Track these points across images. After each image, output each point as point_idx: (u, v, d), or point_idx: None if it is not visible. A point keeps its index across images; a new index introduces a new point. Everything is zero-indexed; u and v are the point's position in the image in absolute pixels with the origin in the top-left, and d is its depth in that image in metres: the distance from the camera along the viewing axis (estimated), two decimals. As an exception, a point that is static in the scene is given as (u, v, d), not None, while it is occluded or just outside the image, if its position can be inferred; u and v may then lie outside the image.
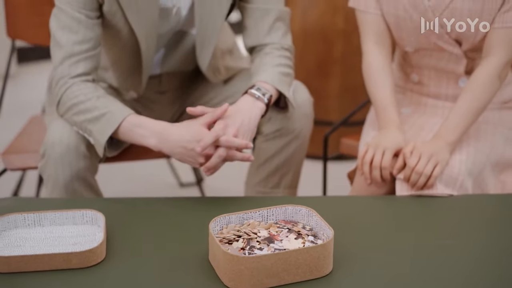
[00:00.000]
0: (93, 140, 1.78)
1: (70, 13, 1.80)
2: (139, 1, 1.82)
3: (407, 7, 1.90)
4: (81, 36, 1.80)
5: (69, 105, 1.79)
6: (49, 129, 1.84)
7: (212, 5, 1.89)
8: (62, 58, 1.80)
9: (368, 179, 1.82)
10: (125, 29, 1.87)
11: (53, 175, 1.80)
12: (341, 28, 3.03)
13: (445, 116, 1.93)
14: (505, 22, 1.85)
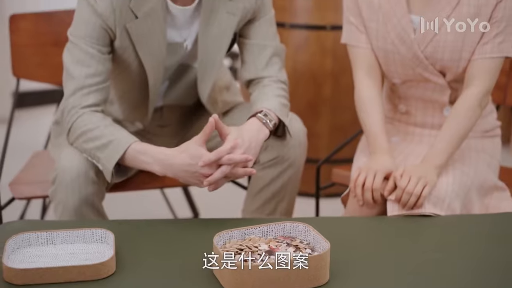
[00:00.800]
0: (101, 166, 1.88)
1: (83, 48, 1.92)
2: (149, 36, 1.95)
3: (395, 41, 2.03)
4: (93, 69, 1.92)
5: (79, 133, 1.90)
6: (60, 156, 1.94)
7: (215, 40, 2.02)
8: (74, 90, 1.92)
9: (361, 200, 1.93)
10: (135, 63, 1.99)
11: (63, 199, 1.90)
12: (329, 69, 3.17)
13: (431, 144, 2.05)
14: (484, 54, 1.99)
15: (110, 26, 1.93)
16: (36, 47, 2.57)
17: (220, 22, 2.01)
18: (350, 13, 2.11)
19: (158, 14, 1.95)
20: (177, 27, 2.02)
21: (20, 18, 2.55)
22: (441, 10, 1.99)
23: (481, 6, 1.98)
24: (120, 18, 1.92)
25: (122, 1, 1.91)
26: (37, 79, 2.61)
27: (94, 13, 1.92)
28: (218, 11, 2.00)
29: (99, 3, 1.91)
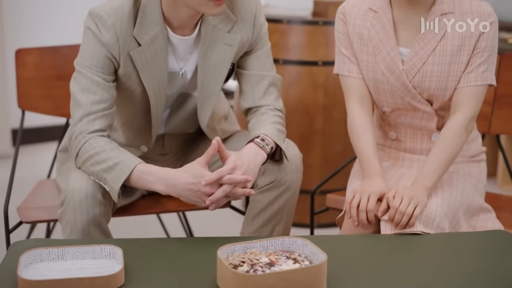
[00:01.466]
0: (108, 188, 1.98)
1: (89, 76, 2.03)
2: (151, 63, 2.07)
3: (384, 71, 2.16)
4: (98, 96, 2.03)
5: (87, 156, 2.00)
6: (68, 179, 2.04)
7: (213, 70, 2.14)
8: (81, 116, 2.03)
9: (356, 221, 2.03)
10: (138, 89, 2.11)
11: (71, 220, 1.99)
12: (321, 103, 3.29)
13: (421, 167, 2.16)
14: (468, 82, 2.11)
15: (115, 55, 2.04)
16: (41, 81, 2.67)
17: (218, 52, 2.13)
18: (342, 45, 2.23)
19: (160, 43, 2.07)
20: (178, 57, 2.13)
21: (25, 52, 2.66)
22: (427, 43, 2.12)
23: (465, 38, 2.11)
24: (124, 46, 2.04)
25: (126, 29, 2.03)
26: (41, 111, 2.70)
27: (99, 43, 2.03)
28: (216, 42, 2.13)
29: (104, 33, 2.03)
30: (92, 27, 2.04)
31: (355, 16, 2.20)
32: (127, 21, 2.03)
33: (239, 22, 2.14)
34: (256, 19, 2.17)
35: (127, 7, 2.04)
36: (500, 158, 3.76)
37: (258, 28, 2.18)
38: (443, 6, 2.11)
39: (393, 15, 2.15)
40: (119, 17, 2.03)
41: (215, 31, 2.11)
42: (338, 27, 2.24)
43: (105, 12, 2.03)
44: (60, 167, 2.35)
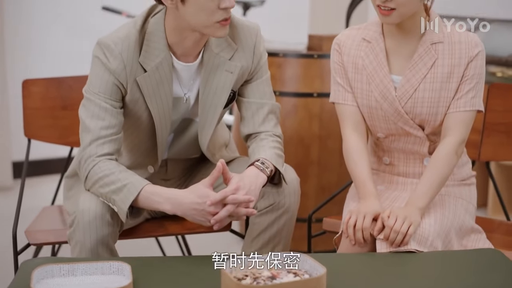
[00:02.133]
0: (116, 208, 2.07)
1: (97, 102, 2.13)
2: (157, 89, 2.17)
3: (378, 98, 2.26)
4: (107, 122, 2.13)
5: (96, 178, 2.09)
6: (78, 200, 2.13)
7: (214, 95, 2.25)
8: (90, 141, 2.12)
9: (353, 240, 2.12)
10: (145, 114, 2.21)
11: (81, 240, 2.08)
12: (317, 133, 3.39)
13: (413, 190, 2.26)
14: (458, 107, 2.22)
15: (122, 81, 2.15)
16: (46, 110, 2.76)
17: (219, 79, 2.24)
18: (337, 75, 2.34)
19: (165, 69, 2.17)
20: (182, 83, 2.24)
21: (31, 83, 2.75)
22: (418, 71, 2.23)
23: (454, 66, 2.22)
24: (131, 73, 2.14)
25: (132, 57, 2.14)
26: (47, 140, 2.79)
27: (107, 71, 2.14)
28: (218, 69, 2.24)
29: (112, 61, 2.13)
30: (100, 56, 2.15)
31: (349, 46, 2.31)
32: (134, 49, 2.14)
33: (239, 50, 2.26)
34: (256, 48, 2.28)
35: (133, 36, 2.15)
36: (491, 188, 3.85)
37: (258, 56, 2.29)
38: (433, 36, 2.23)
39: (385, 45, 2.26)
40: (126, 45, 2.14)
41: (217, 58, 2.22)
42: (333, 57, 2.35)
43: (112, 41, 2.14)
44: (67, 193, 2.44)
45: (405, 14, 2.16)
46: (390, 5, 2.12)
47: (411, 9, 2.16)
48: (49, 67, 4.51)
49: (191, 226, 2.44)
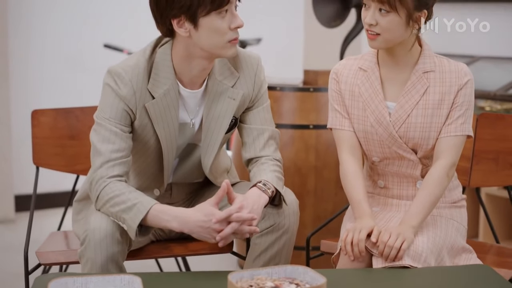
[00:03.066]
0: (126, 227, 2.18)
1: (108, 127, 2.26)
2: (164, 115, 2.30)
3: (373, 123, 2.39)
4: (117, 145, 2.25)
5: (107, 198, 2.21)
6: (89, 219, 2.24)
7: (217, 121, 2.38)
8: (101, 163, 2.24)
9: (351, 256, 2.23)
10: (152, 139, 2.33)
11: (92, 257, 2.19)
12: (313, 164, 3.51)
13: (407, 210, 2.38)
14: (448, 132, 2.36)
15: (131, 107, 2.28)
16: (54, 139, 2.88)
17: (222, 105, 2.37)
18: (335, 102, 2.47)
19: (172, 96, 2.30)
20: (188, 109, 2.37)
21: (41, 113, 2.88)
22: (411, 97, 2.37)
23: (445, 93, 2.36)
24: (140, 99, 2.27)
25: (141, 84, 2.27)
26: (54, 168, 2.90)
27: (118, 97, 2.27)
28: (221, 95, 2.37)
29: (122, 88, 2.26)
30: (111, 83, 2.28)
31: (346, 75, 2.45)
32: (142, 77, 2.28)
33: (241, 78, 2.39)
34: (257, 76, 2.42)
35: (142, 64, 2.28)
36: (481, 218, 3.96)
37: (258, 84, 2.43)
38: (425, 65, 2.37)
39: (380, 73, 2.40)
40: (135, 73, 2.27)
41: (220, 85, 2.36)
42: (331, 85, 2.48)
43: (122, 69, 2.27)
44: (76, 217, 2.55)
45: (389, 40, 2.31)
46: (375, 29, 2.28)
47: (396, 36, 2.30)
48: (53, 100, 4.63)
49: (194, 247, 2.55)
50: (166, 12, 2.23)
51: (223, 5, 2.20)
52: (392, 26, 2.28)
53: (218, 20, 2.22)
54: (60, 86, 4.95)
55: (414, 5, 2.28)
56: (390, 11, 2.26)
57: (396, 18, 2.27)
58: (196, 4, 2.19)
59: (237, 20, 2.25)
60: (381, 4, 2.26)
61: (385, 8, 2.26)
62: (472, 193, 3.65)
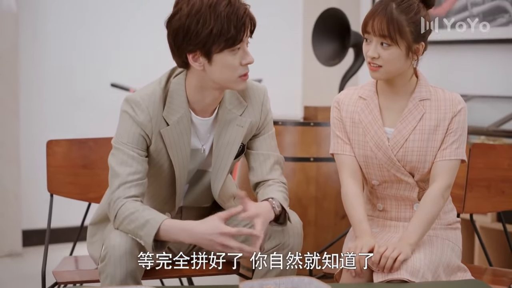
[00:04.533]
0: (143, 242, 2.32)
1: (126, 151, 2.41)
2: (177, 141, 2.46)
3: (373, 148, 2.55)
4: (134, 168, 2.41)
5: (123, 217, 2.35)
6: (109, 237, 2.37)
7: (226, 147, 2.54)
8: (119, 185, 2.39)
9: (353, 272, 2.37)
10: (166, 164, 2.49)
11: (111, 273, 2.32)
12: (313, 195, 3.66)
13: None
14: (444, 157, 2.51)
15: (148, 133, 2.43)
16: (68, 168, 3.01)
17: (231, 132, 2.53)
18: (336, 129, 2.63)
19: (184, 123, 2.46)
20: (200, 136, 2.53)
21: (55, 143, 3.01)
22: (408, 123, 2.53)
23: (440, 120, 2.52)
24: (155, 125, 2.43)
25: (157, 111, 2.43)
26: (67, 196, 3.03)
27: (135, 123, 2.42)
28: (230, 123, 2.53)
29: (139, 114, 2.42)
30: (128, 110, 2.43)
31: (347, 103, 2.61)
32: (158, 105, 2.44)
33: (249, 107, 2.55)
34: (264, 105, 2.59)
35: (158, 93, 2.44)
36: (476, 246, 4.09)
37: (265, 113, 2.59)
38: (422, 94, 2.53)
39: (379, 101, 2.56)
40: (152, 101, 2.43)
41: (230, 114, 2.52)
42: (333, 113, 2.64)
43: (140, 97, 2.43)
44: (91, 239, 2.68)
45: (390, 72, 2.48)
46: (377, 62, 2.45)
47: (397, 68, 2.47)
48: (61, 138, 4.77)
49: (201, 269, 2.66)
50: (182, 46, 2.39)
51: (236, 43, 2.37)
52: (393, 58, 2.45)
53: (231, 56, 2.39)
54: (68, 124, 5.09)
55: (413, 38, 2.46)
56: (391, 45, 2.44)
57: (397, 50, 2.44)
58: (211, 41, 2.35)
59: (248, 57, 2.42)
60: (383, 39, 2.43)
61: (387, 42, 2.43)
62: (468, 224, 3.78)
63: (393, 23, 2.43)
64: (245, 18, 2.37)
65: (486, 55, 4.72)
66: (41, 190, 4.95)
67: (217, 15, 2.34)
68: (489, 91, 4.64)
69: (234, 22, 2.35)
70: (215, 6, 2.34)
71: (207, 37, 2.35)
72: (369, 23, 2.46)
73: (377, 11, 2.46)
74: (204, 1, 2.34)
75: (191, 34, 2.35)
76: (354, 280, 2.38)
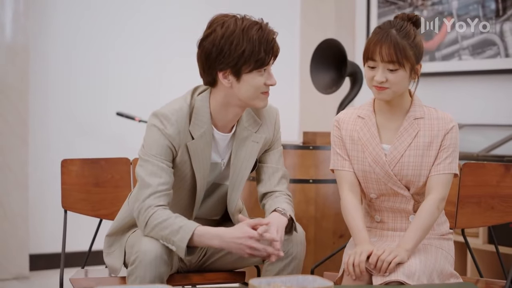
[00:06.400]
0: (175, 248, 2.50)
1: (155, 163, 2.59)
2: (201, 154, 2.65)
3: (371, 163, 2.73)
4: (163, 179, 2.59)
5: (156, 223, 2.53)
6: (140, 243, 2.54)
7: (243, 162, 2.73)
8: (149, 194, 2.57)
9: (353, 276, 2.54)
10: (189, 175, 2.67)
11: (141, 275, 2.49)
12: (312, 215, 3.83)
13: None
14: (438, 171, 2.69)
15: (175, 145, 2.62)
16: (81, 186, 3.17)
17: (247, 148, 2.73)
18: (336, 146, 2.82)
19: (207, 138, 2.65)
20: (220, 150, 2.72)
21: (70, 162, 3.18)
22: (404, 140, 2.71)
23: (433, 136, 2.71)
24: (182, 138, 2.62)
25: (184, 125, 2.63)
26: (80, 212, 3.18)
27: (163, 136, 2.60)
28: (246, 140, 2.73)
29: (168, 127, 2.61)
30: (157, 124, 2.62)
31: (347, 122, 2.80)
32: (185, 119, 2.63)
33: (263, 125, 2.77)
34: (276, 124, 2.81)
35: (185, 109, 2.64)
36: (469, 264, 4.26)
37: (277, 130, 2.81)
38: (416, 113, 2.73)
39: (376, 120, 2.75)
40: (180, 115, 2.63)
41: (246, 131, 2.72)
42: (333, 132, 2.83)
43: (169, 111, 2.63)
44: (108, 249, 2.86)
45: (397, 92, 2.67)
46: (384, 85, 2.64)
47: (402, 88, 2.68)
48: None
49: (211, 277, 2.84)
50: (214, 65, 2.60)
51: (264, 65, 2.60)
52: (400, 80, 2.64)
53: (258, 77, 2.61)
54: (75, 151, 5.22)
55: (415, 59, 2.66)
56: (399, 68, 2.63)
57: (403, 73, 2.64)
58: (242, 62, 2.57)
59: (272, 79, 2.65)
60: (391, 64, 2.62)
61: (395, 67, 2.63)
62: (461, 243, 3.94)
63: (399, 48, 2.61)
64: (273, 43, 2.61)
65: (476, 86, 4.94)
66: (48, 216, 5.14)
67: (249, 38, 2.56)
68: (479, 120, 4.84)
69: (264, 45, 2.57)
70: (247, 30, 2.56)
71: (239, 57, 2.56)
72: (376, 51, 2.63)
73: (381, 40, 2.63)
74: (238, 24, 2.57)
75: (224, 54, 2.56)
76: (354, 283, 2.55)
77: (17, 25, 4.93)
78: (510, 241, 4.02)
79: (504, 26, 4.68)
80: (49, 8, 5.26)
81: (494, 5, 4.73)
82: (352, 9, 5.68)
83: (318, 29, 5.75)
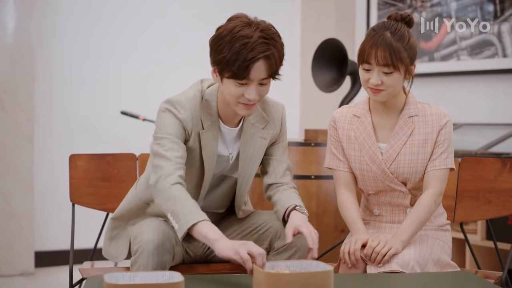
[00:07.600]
0: (177, 226, 2.50)
1: (171, 139, 2.64)
2: (209, 144, 2.71)
3: (368, 162, 2.81)
4: (180, 153, 2.64)
5: (172, 196, 2.54)
6: (141, 232, 2.60)
7: (251, 158, 2.80)
8: (170, 165, 2.59)
9: (349, 263, 2.63)
10: (197, 164, 2.73)
11: (144, 264, 2.55)
12: (314, 211, 3.91)
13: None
14: (434, 167, 2.77)
15: (188, 130, 2.68)
16: (88, 181, 3.25)
17: (255, 144, 2.80)
18: (333, 145, 2.89)
19: (214, 130, 2.72)
20: (226, 143, 2.79)
21: (77, 157, 3.26)
22: (399, 139, 2.78)
23: (428, 133, 2.78)
24: (195, 125, 2.68)
25: (198, 113, 2.69)
26: (88, 206, 3.26)
27: (177, 119, 2.66)
28: (254, 136, 2.80)
29: (182, 112, 2.67)
30: (171, 109, 2.67)
31: (343, 121, 2.87)
32: (198, 107, 2.70)
33: (271, 121, 2.83)
34: (282, 119, 2.87)
35: (198, 98, 2.71)
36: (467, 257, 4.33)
37: (283, 125, 2.88)
38: (410, 111, 2.80)
39: (372, 119, 2.83)
40: (194, 103, 2.70)
41: (253, 127, 2.79)
42: (330, 132, 2.91)
43: (183, 98, 2.70)
44: (111, 232, 2.90)
45: (392, 93, 2.73)
46: (380, 87, 2.70)
47: (397, 89, 2.74)
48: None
49: (216, 267, 2.90)
50: (211, 58, 2.67)
51: (240, 79, 2.59)
52: (395, 82, 2.70)
53: (235, 86, 2.61)
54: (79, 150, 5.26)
55: (409, 61, 2.71)
56: (394, 71, 2.68)
57: (398, 75, 2.69)
58: (223, 66, 2.60)
59: (251, 93, 2.58)
60: (386, 68, 2.67)
61: (390, 70, 2.68)
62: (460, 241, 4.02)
63: (395, 52, 2.65)
64: (252, 62, 2.53)
65: (474, 86, 5.02)
66: (53, 213, 5.21)
67: (231, 48, 2.56)
68: (478, 119, 4.92)
69: (240, 61, 2.55)
70: (235, 40, 2.56)
71: (220, 61, 2.61)
72: (372, 55, 2.66)
73: (376, 43, 2.66)
74: (232, 32, 2.57)
75: (213, 52, 2.63)
76: (349, 271, 2.63)
77: (22, 25, 5.02)
78: (508, 237, 4.11)
79: (502, 27, 4.76)
80: (53, 9, 5.35)
81: (492, 6, 4.82)
82: (352, 11, 5.77)
83: (318, 30, 5.84)
